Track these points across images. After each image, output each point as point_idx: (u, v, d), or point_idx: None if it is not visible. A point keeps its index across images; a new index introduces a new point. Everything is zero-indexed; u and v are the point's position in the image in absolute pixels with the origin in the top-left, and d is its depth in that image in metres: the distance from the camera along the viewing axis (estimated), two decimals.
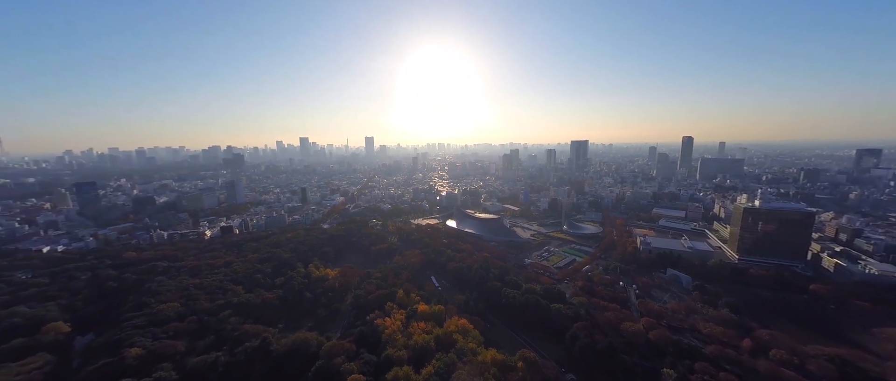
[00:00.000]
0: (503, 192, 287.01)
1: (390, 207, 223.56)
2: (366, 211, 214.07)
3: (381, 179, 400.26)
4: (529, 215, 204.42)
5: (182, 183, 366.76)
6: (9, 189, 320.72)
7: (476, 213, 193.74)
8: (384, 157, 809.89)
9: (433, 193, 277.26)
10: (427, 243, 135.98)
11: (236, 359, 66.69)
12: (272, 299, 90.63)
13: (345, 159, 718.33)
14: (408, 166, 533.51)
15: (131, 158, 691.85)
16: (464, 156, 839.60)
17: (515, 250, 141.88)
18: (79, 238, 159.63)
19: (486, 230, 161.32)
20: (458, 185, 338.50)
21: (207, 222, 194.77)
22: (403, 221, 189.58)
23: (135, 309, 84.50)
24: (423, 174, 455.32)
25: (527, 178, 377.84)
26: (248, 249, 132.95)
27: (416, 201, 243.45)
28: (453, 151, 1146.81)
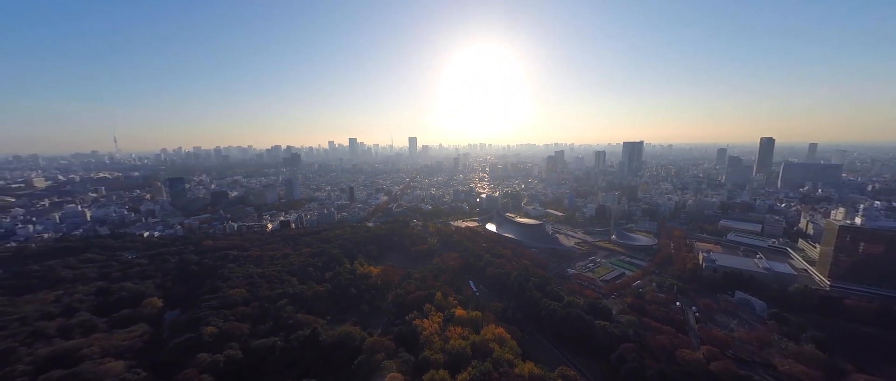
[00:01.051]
0: (546, 196, 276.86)
1: (431, 207, 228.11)
2: (407, 211, 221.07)
3: (423, 180, 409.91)
4: (574, 222, 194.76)
5: (249, 179, 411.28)
6: (120, 181, 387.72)
7: (517, 217, 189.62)
8: (426, 157, 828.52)
9: (473, 195, 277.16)
10: (466, 247, 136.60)
11: (290, 345, 73.46)
12: (322, 291, 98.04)
13: (389, 159, 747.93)
14: (449, 167, 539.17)
15: (210, 155, 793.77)
16: (505, 157, 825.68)
17: (558, 258, 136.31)
18: (170, 226, 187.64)
19: (526, 236, 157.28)
20: (498, 187, 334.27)
21: (269, 215, 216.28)
22: (443, 222, 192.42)
23: (210, 292, 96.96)
24: (464, 175, 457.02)
25: (572, 181, 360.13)
26: (303, 243, 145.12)
27: (456, 203, 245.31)
28: (495, 152, 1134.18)
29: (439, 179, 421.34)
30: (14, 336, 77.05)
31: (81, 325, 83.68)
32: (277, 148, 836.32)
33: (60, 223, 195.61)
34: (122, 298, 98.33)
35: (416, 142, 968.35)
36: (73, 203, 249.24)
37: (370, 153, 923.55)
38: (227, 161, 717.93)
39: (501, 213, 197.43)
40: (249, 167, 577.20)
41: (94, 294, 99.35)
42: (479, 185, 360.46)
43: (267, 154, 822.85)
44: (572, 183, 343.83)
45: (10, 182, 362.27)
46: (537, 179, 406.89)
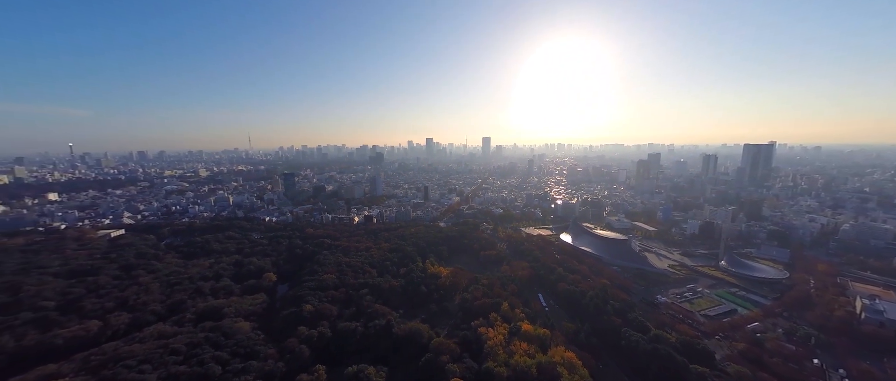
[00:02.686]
0: (634, 205, 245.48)
1: (502, 211, 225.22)
2: (478, 213, 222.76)
3: (495, 182, 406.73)
4: (669, 240, 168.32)
5: (342, 175, 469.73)
6: (252, 174, 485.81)
7: (597, 229, 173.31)
8: (499, 157, 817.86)
9: (548, 200, 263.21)
10: (537, 257, 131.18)
11: (369, 332, 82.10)
12: (396, 286, 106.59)
13: (462, 159, 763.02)
14: (522, 169, 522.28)
15: (313, 153, 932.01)
16: (586, 158, 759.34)
17: (645, 281, 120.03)
18: (283, 213, 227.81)
19: (608, 251, 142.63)
20: (577, 193, 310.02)
21: (356, 209, 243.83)
22: (514, 228, 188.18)
23: (310, 274, 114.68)
24: (538, 178, 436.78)
25: (670, 189, 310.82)
26: (382, 238, 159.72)
27: (529, 208, 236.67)
28: (574, 153, 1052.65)
29: (512, 181, 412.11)
30: (185, 291, 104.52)
31: (224, 288, 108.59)
32: (365, 147, 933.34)
33: (214, 206, 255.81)
34: (249, 270, 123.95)
35: (490, 142, 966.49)
36: (222, 190, 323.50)
37: (445, 153, 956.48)
38: (326, 158, 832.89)
39: (579, 223, 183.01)
40: (342, 164, 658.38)
41: (233, 265, 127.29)
42: (554, 189, 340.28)
43: (356, 153, 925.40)
44: (669, 192, 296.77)
45: (186, 172, 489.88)
46: (624, 185, 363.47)
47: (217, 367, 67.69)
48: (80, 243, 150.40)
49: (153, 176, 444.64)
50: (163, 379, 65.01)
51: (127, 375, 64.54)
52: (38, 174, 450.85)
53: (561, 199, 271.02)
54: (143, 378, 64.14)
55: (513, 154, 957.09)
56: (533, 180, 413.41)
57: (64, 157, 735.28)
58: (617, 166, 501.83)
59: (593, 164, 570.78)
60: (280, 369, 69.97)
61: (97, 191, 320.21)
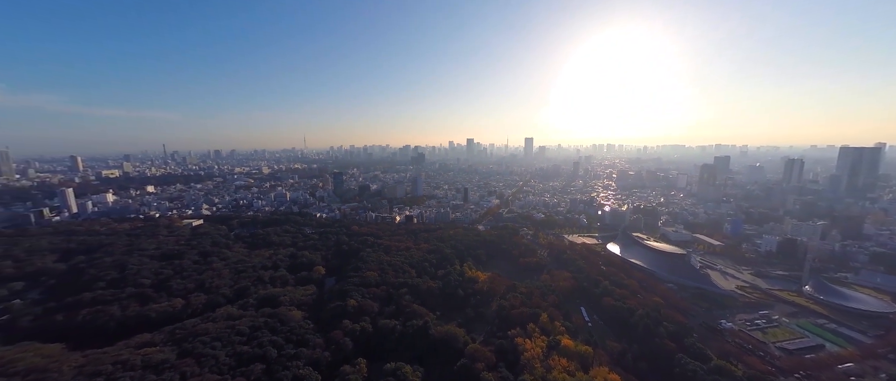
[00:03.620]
0: (696, 216, 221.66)
1: (543, 216, 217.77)
2: (518, 217, 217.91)
3: (537, 184, 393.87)
4: (739, 257, 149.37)
5: (385, 174, 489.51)
6: (306, 172, 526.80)
7: (650, 240, 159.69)
8: (542, 159, 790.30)
9: (594, 206, 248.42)
10: (580, 267, 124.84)
11: (406, 331, 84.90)
12: (434, 288, 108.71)
13: (503, 160, 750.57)
14: (567, 171, 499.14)
15: (360, 153, 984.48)
16: (640, 161, 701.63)
17: (707, 302, 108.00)
18: (332, 210, 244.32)
19: (662, 266, 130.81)
20: (627, 199, 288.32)
21: (397, 208, 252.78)
22: (556, 235, 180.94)
23: (353, 270, 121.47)
24: (584, 182, 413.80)
25: (741, 198, 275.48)
26: (421, 238, 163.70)
27: (573, 214, 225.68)
28: (626, 155, 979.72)
29: (555, 184, 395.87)
30: (249, 278, 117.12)
31: (281, 278, 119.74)
32: (407, 147, 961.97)
33: (274, 201, 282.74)
34: (302, 262, 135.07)
35: (533, 142, 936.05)
36: (280, 186, 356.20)
37: (485, 153, 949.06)
38: (371, 158, 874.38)
39: (629, 233, 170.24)
40: (386, 164, 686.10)
41: (289, 257, 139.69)
42: (601, 194, 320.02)
43: (399, 153, 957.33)
44: (740, 202, 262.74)
45: (252, 169, 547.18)
46: (684, 192, 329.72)
47: (274, 351, 75.04)
48: (169, 230, 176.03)
49: (225, 172, 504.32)
50: (230, 356, 73.65)
51: (202, 349, 74.29)
52: (139, 169, 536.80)
53: (609, 205, 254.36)
54: (215, 354, 73.31)
55: (557, 156, 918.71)
56: (578, 184, 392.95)
57: (158, 155, 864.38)
58: (676, 170, 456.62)
59: (648, 167, 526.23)
60: (326, 358, 75.44)
61: (182, 185, 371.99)
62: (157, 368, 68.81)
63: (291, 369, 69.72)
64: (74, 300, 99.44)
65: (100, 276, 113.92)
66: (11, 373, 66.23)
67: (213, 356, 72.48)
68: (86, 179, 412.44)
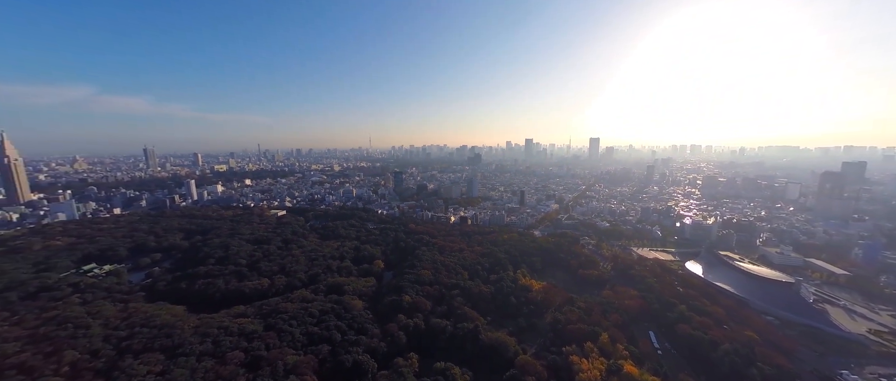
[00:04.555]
0: (812, 235, 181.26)
1: (608, 225, 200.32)
2: (579, 225, 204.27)
3: (602, 189, 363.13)
4: (874, 292, 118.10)
5: (442, 174, 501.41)
6: (370, 170, 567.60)
7: (745, 262, 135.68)
8: (609, 161, 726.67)
9: (672, 216, 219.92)
10: (650, 286, 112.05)
11: (456, 333, 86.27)
12: (486, 292, 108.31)
13: (564, 161, 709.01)
14: (639, 176, 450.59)
15: (418, 152, 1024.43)
16: (735, 165, 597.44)
17: (822, 345, 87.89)
18: (392, 208, 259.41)
19: (760, 295, 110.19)
20: (716, 210, 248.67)
21: (452, 209, 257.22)
22: (622, 247, 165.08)
23: (409, 267, 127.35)
24: (660, 188, 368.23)
25: (882, 216, 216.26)
26: (475, 240, 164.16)
27: (644, 224, 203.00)
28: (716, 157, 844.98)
29: (624, 189, 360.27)
30: (320, 266, 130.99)
31: (346, 268, 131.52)
32: (464, 147, 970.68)
33: (342, 196, 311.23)
34: (364, 255, 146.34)
35: (598, 143, 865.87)
36: (348, 183, 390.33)
37: (545, 154, 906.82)
38: (429, 158, 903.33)
39: (715, 251, 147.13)
40: (443, 164, 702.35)
41: (353, 249, 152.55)
42: (681, 204, 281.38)
43: (456, 153, 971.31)
44: (881, 221, 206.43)
45: (325, 167, 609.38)
46: (795, 204, 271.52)
47: (338, 335, 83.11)
48: (260, 218, 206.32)
49: (304, 169, 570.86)
50: (303, 334, 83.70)
51: (283, 325, 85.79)
52: (240, 165, 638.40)
53: (691, 216, 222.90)
54: (292, 331, 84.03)
55: (627, 157, 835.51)
56: (652, 191, 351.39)
57: (254, 153, 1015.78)
58: (784, 178, 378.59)
59: (744, 173, 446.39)
60: (382, 348, 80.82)
61: (271, 179, 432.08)
62: (248, 336, 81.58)
63: (352, 354, 76.32)
64: (193, 272, 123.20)
65: (210, 254, 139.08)
66: (152, 325, 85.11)
67: (290, 332, 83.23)
68: (203, 172, 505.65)
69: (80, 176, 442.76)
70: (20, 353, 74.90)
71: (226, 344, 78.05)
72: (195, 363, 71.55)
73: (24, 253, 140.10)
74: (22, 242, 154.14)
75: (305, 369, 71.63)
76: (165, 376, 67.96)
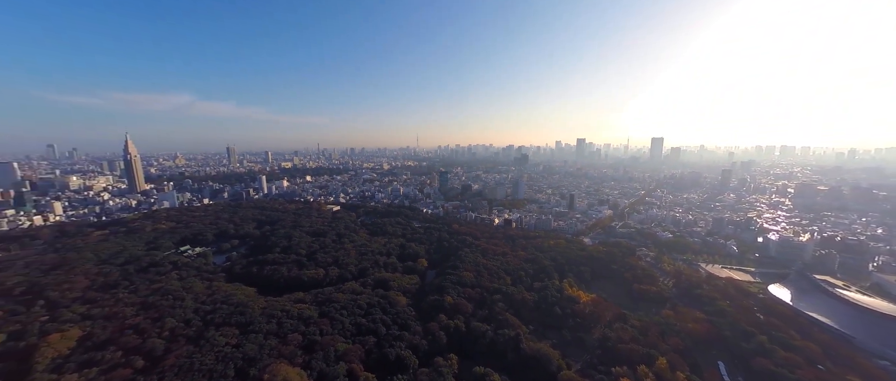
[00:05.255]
0: None
1: (671, 236, 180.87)
2: (635, 234, 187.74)
3: (665, 195, 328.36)
4: None
5: (487, 174, 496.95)
6: (417, 169, 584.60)
7: (851, 290, 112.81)
8: (675, 163, 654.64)
9: (752, 230, 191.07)
10: (721, 309, 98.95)
11: (497, 338, 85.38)
12: (529, 299, 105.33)
13: (621, 163, 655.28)
14: (712, 181, 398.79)
15: (464, 152, 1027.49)
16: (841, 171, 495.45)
17: None
18: (437, 207, 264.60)
19: (872, 332, 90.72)
20: (812, 225, 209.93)
21: (497, 211, 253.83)
22: (687, 261, 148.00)
23: (451, 268, 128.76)
24: (738, 196, 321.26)
25: None
26: (519, 245, 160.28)
27: (716, 237, 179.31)
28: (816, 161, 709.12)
29: (692, 196, 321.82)
30: (368, 260, 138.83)
31: (392, 264, 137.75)
32: (511, 147, 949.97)
33: (390, 194, 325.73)
34: (409, 253, 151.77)
35: (662, 143, 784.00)
36: (396, 182, 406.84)
37: (598, 155, 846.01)
38: (475, 157, 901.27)
39: (810, 274, 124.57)
40: (488, 164, 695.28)
41: (399, 247, 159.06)
42: (766, 215, 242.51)
43: (502, 153, 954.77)
44: None
45: (375, 165, 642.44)
46: None
47: (383, 328, 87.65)
48: (318, 212, 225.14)
49: (357, 167, 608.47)
50: (352, 325, 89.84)
51: (335, 314, 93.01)
52: (303, 162, 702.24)
53: (778, 231, 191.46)
54: (342, 320, 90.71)
55: (696, 160, 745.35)
56: (728, 199, 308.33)
57: (314, 151, 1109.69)
58: None
59: (855, 180, 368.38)
60: (423, 346, 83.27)
61: (328, 176, 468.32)
62: (306, 321, 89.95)
63: (395, 348, 79.97)
64: (262, 259, 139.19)
65: (277, 243, 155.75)
66: (231, 303, 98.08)
67: (341, 321, 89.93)
68: (272, 168, 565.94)
69: (180, 170, 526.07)
70: (136, 317, 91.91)
71: (287, 326, 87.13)
72: (262, 340, 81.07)
73: (139, 233, 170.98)
74: (137, 224, 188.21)
75: (353, 357, 76.90)
76: (239, 348, 78.08)
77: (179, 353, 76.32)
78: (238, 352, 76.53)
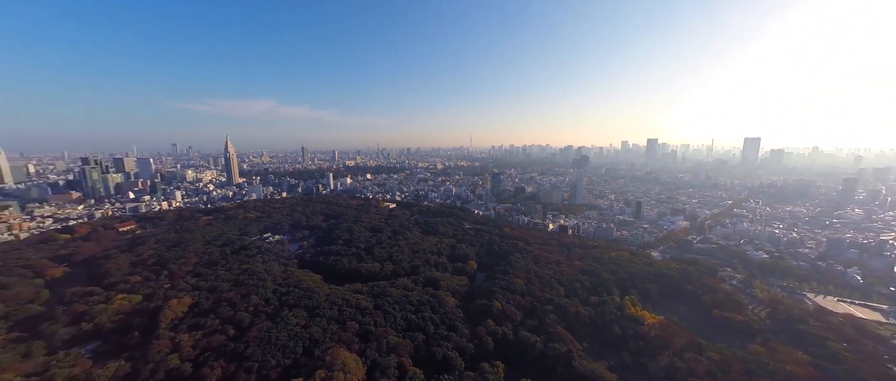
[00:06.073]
0: None
1: (767, 257, 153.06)
2: (718, 251, 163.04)
3: (761, 207, 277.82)
4: None
5: (542, 177, 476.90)
6: (470, 169, 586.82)
7: None
8: (776, 168, 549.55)
9: (887, 256, 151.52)
10: (834, 353, 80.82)
11: (546, 352, 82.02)
12: (584, 314, 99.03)
13: (703, 166, 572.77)
14: (827, 192, 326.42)
15: (518, 152, 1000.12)
16: None
17: None
18: (488, 209, 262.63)
19: None
20: None
21: (551, 215, 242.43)
22: (788, 289, 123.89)
23: (501, 273, 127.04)
24: (868, 212, 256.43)
25: None
26: (574, 254, 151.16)
27: (832, 263, 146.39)
28: None
29: (799, 210, 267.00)
30: (420, 259, 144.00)
31: (442, 264, 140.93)
32: (569, 148, 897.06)
33: (442, 194, 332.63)
34: (459, 254, 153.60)
35: (758, 144, 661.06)
36: (448, 182, 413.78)
37: (673, 157, 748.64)
38: (529, 158, 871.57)
39: None
40: (544, 165, 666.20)
41: (449, 247, 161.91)
42: None
43: (559, 154, 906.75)
44: None
45: (430, 165, 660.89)
46: None
47: (432, 326, 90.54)
48: (376, 209, 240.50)
49: (412, 166, 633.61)
50: (403, 319, 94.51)
51: (388, 308, 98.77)
52: (364, 161, 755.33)
53: None
54: (394, 314, 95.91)
55: (807, 165, 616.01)
56: (851, 215, 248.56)
57: (374, 150, 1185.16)
58: None
59: None
60: (470, 349, 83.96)
61: (386, 175, 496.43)
62: (362, 311, 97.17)
63: (442, 348, 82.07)
64: (327, 249, 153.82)
65: (339, 236, 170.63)
66: (301, 288, 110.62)
67: (393, 315, 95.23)
68: (338, 166, 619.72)
69: (264, 167, 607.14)
70: (229, 292, 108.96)
71: (346, 314, 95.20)
72: (325, 325, 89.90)
73: (233, 220, 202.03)
74: (233, 212, 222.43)
75: (403, 351, 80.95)
76: (307, 329, 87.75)
77: (261, 327, 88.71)
78: (306, 333, 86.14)
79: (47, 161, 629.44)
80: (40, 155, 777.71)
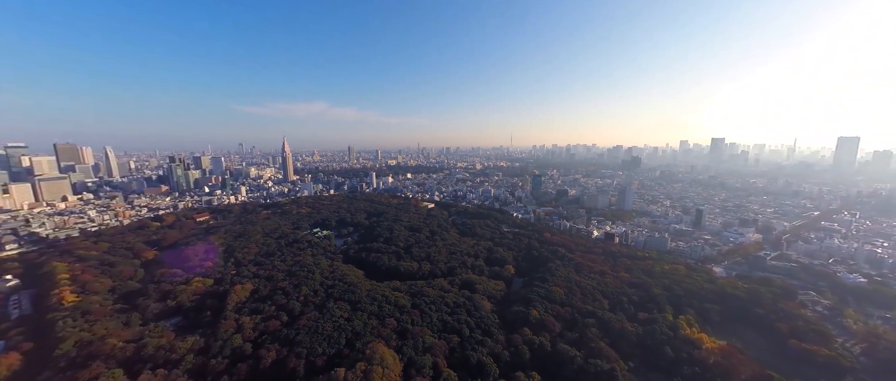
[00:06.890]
0: None
1: (864, 281, 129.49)
2: (798, 271, 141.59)
3: (859, 220, 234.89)
4: None
5: (587, 179, 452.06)
6: (509, 170, 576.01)
7: None
8: (880, 174, 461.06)
9: None
10: None
11: (587, 368, 78.07)
12: (630, 331, 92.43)
13: (781, 170, 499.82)
14: None
15: (561, 152, 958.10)
16: None
17: None
18: (527, 212, 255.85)
19: None
20: None
21: (596, 221, 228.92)
22: (893, 322, 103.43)
23: (540, 280, 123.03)
24: None
25: None
26: (622, 264, 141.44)
27: None
28: None
29: None
30: (457, 260, 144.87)
31: (479, 267, 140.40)
32: (618, 148, 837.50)
33: (481, 195, 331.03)
34: (496, 258, 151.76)
35: (857, 144, 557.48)
36: (487, 183, 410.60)
37: (743, 159, 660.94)
38: (573, 159, 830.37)
39: None
40: (590, 166, 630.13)
41: (487, 250, 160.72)
42: None
43: (607, 154, 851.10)
44: None
45: (469, 165, 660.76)
46: None
47: (467, 330, 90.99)
48: (415, 209, 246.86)
49: (451, 166, 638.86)
50: (439, 320, 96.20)
51: (425, 307, 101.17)
52: (405, 160, 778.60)
53: None
54: (431, 314, 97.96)
55: None
56: None
57: (414, 150, 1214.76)
58: None
59: None
60: (505, 356, 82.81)
61: (425, 174, 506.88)
62: (400, 309, 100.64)
63: (477, 352, 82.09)
64: (369, 246, 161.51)
65: (380, 234, 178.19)
66: (345, 282, 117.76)
67: (429, 315, 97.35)
68: (380, 166, 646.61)
69: (316, 165, 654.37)
70: (283, 281, 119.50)
71: (386, 310, 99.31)
72: (366, 319, 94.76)
73: (288, 215, 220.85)
74: (288, 207, 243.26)
75: (438, 352, 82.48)
76: (350, 322, 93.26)
77: (310, 316, 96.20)
78: (349, 325, 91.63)
79: (144, 158, 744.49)
80: (139, 153, 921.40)
